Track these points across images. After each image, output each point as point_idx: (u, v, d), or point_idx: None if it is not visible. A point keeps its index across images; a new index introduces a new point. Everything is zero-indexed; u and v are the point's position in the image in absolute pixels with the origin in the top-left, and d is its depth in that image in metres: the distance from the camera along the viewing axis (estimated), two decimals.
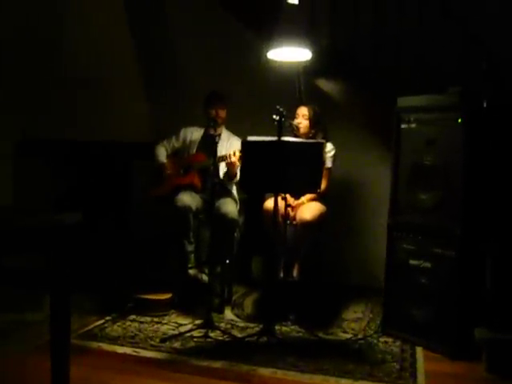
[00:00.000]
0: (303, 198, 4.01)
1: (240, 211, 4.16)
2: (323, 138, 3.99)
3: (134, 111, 5.10)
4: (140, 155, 4.64)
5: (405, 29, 3.84)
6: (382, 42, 3.93)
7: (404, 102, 3.45)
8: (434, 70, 3.75)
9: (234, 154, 3.84)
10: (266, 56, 3.79)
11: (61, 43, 4.90)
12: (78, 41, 4.94)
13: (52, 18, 4.83)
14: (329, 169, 4.07)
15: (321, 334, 3.47)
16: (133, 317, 3.71)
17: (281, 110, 3.29)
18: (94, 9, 4.92)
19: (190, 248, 3.99)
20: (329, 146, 4.05)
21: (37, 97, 4.83)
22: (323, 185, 3.90)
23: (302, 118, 4.08)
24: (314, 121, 4.07)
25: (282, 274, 3.84)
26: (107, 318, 3.67)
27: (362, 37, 3.99)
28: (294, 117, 4.06)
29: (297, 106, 4.14)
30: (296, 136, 3.98)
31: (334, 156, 4.10)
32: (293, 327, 3.59)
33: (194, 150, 4.23)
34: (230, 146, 4.14)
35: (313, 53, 3.74)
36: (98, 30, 4.90)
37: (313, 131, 4.08)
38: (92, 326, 3.50)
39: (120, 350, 3.15)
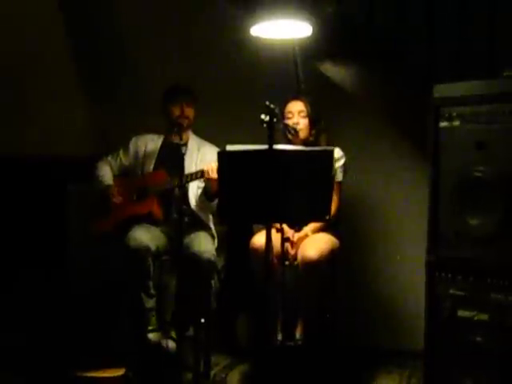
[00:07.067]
0: (307, 229, 4.03)
1: (219, 250, 4.17)
2: (327, 142, 3.96)
3: (67, 115, 5.08)
4: (77, 176, 4.59)
5: None
6: (412, 9, 3.92)
7: (443, 90, 3.37)
8: (482, 47, 3.78)
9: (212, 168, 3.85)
10: (248, 33, 3.80)
11: None
12: None
13: None
14: (339, 184, 4.10)
15: None
16: None
17: (272, 107, 3.24)
18: None
19: (150, 304, 4.00)
20: (337, 153, 4.03)
21: None
22: (333, 207, 3.83)
23: (299, 115, 4.10)
24: (313, 118, 4.09)
25: (279, 337, 3.85)
26: None
27: (384, 1, 3.98)
28: (284, 116, 4.09)
29: (287, 101, 4.17)
30: (291, 142, 4.01)
31: (345, 165, 4.11)
32: None
33: (151, 167, 4.26)
34: (202, 158, 4.21)
35: (314, 26, 3.75)
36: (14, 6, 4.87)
37: (313, 132, 4.10)
38: None
39: None
